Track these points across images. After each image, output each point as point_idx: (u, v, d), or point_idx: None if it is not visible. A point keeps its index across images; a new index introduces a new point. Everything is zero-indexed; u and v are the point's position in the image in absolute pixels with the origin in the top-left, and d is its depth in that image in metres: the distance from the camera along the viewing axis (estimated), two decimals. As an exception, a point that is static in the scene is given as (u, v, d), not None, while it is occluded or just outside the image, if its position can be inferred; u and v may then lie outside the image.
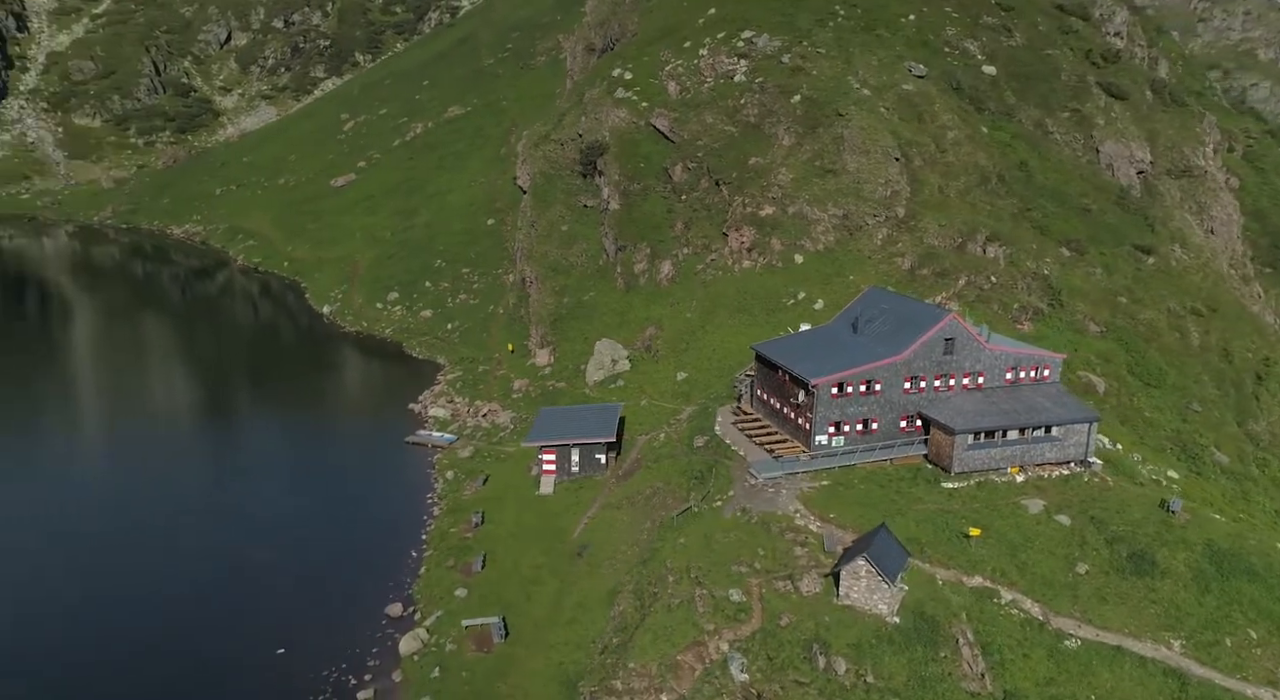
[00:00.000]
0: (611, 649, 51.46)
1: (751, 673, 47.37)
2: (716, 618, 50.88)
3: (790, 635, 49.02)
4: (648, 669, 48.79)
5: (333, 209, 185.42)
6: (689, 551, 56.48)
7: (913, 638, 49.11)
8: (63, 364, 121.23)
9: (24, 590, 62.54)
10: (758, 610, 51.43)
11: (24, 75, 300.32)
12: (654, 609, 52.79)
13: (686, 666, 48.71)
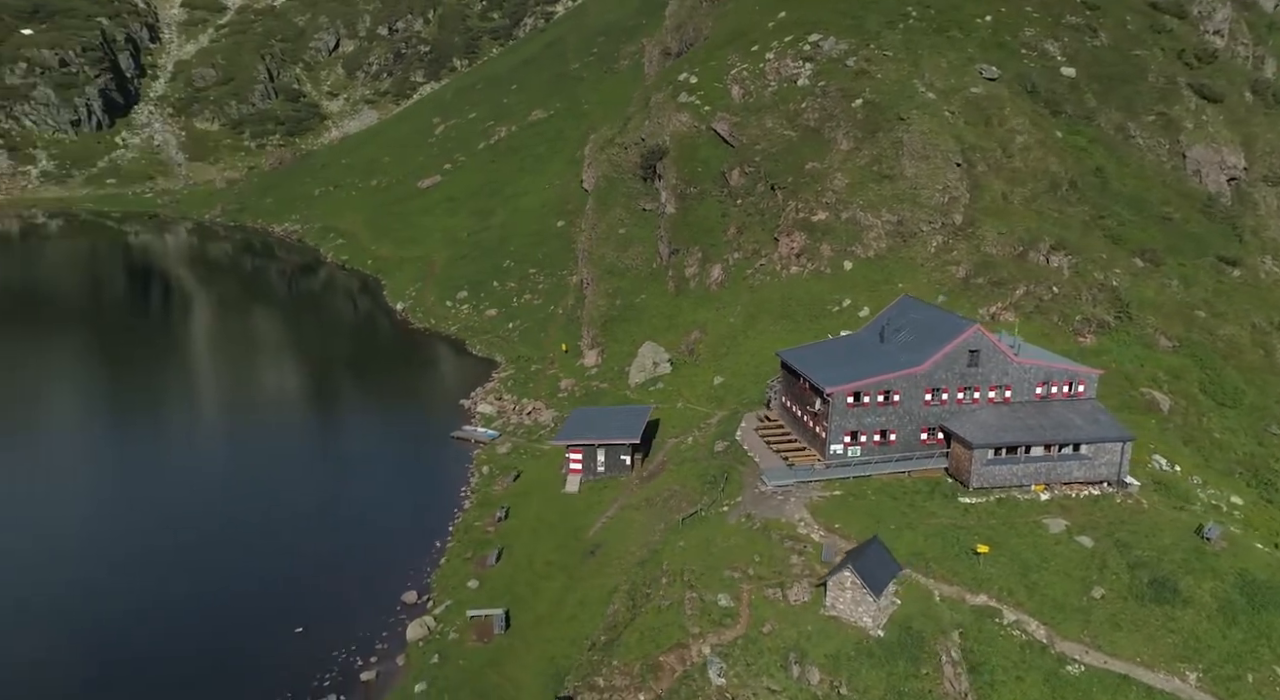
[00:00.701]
0: (600, 646, 52.78)
1: (729, 677, 47.92)
2: (703, 621, 51.57)
3: (771, 642, 49.32)
4: (630, 668, 49.93)
5: (417, 209, 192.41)
6: (687, 554, 57.28)
7: (895, 652, 48.69)
8: (159, 350, 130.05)
9: (88, 552, 68.27)
10: (745, 616, 51.87)
11: (154, 83, 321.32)
12: (645, 610, 53.87)
13: (668, 667, 49.61)
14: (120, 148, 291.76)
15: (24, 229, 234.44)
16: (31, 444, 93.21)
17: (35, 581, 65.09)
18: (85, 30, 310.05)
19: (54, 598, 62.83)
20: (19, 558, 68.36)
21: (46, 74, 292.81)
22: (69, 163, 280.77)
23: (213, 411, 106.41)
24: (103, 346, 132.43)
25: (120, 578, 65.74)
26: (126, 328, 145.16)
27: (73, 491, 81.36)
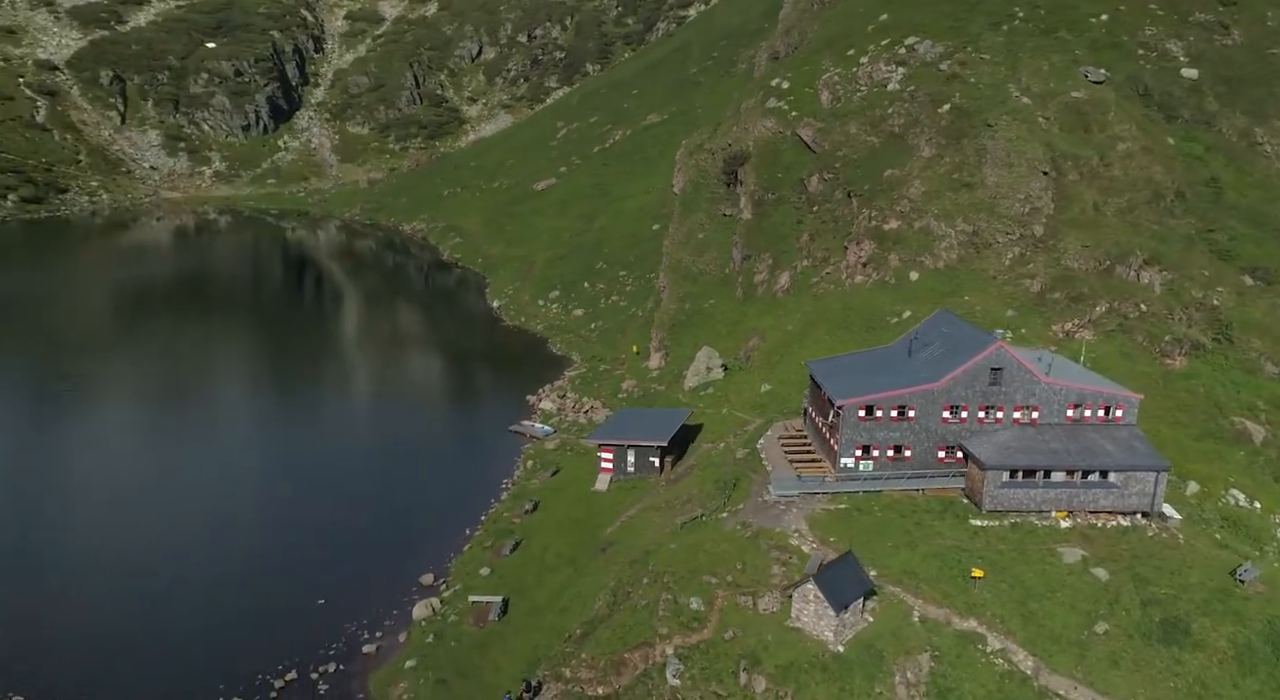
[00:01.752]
0: (575, 639, 54.96)
1: (683, 679, 49.10)
2: (672, 623, 52.88)
3: (729, 648, 50.09)
4: (597, 662, 51.90)
5: (530, 211, 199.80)
6: (674, 557, 58.59)
7: (852, 669, 48.42)
8: (291, 333, 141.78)
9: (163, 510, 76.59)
10: (713, 621, 52.79)
11: (315, 90, 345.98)
12: (623, 608, 55.65)
13: (631, 665, 51.27)
14: (281, 150, 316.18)
15: (199, 224, 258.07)
16: (169, 411, 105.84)
17: (120, 533, 73.66)
18: (259, 43, 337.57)
19: (138, 549, 70.93)
20: (121, 511, 77.44)
21: (224, 83, 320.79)
22: (237, 164, 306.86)
23: (309, 391, 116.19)
24: (252, 328, 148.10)
25: (197, 538, 73.56)
26: (272, 312, 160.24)
27: (186, 453, 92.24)
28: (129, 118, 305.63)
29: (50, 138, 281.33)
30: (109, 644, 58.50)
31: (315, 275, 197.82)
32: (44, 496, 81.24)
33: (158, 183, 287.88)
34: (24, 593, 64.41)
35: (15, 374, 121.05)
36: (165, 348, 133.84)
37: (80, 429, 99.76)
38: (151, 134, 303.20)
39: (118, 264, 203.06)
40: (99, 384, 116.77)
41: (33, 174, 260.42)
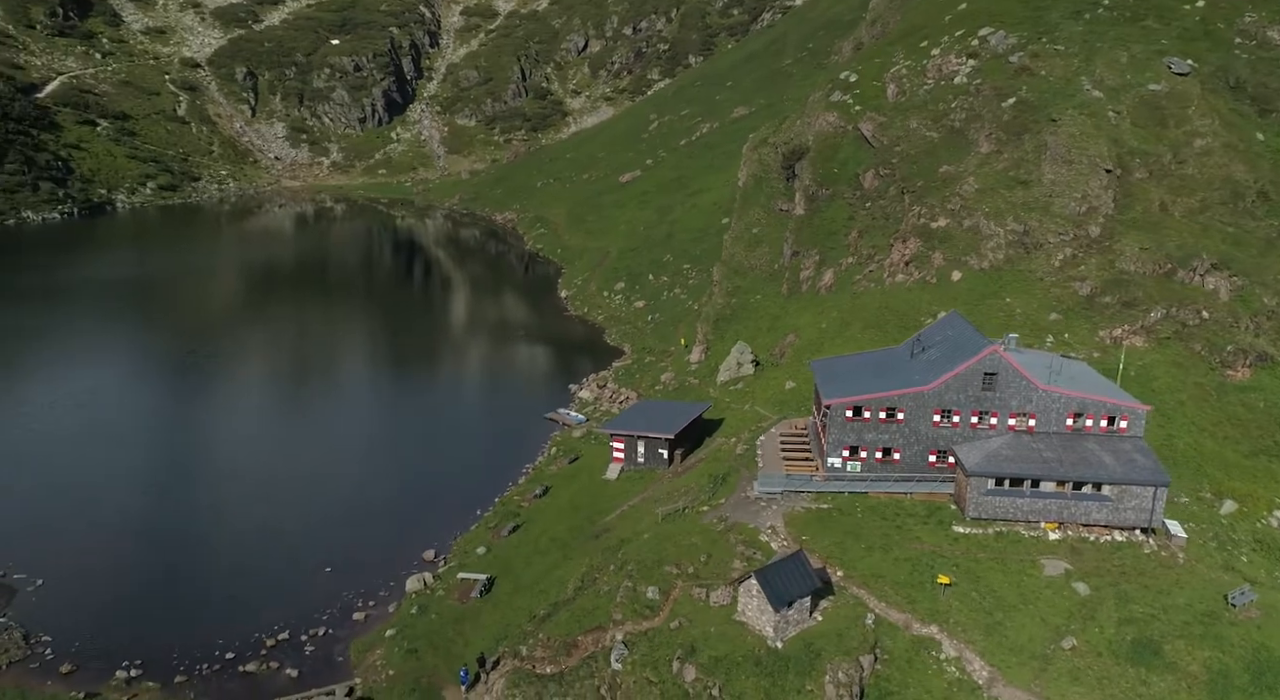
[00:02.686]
0: (538, 620, 57.35)
1: (625, 664, 50.78)
2: (626, 610, 54.56)
3: (673, 638, 51.41)
4: (551, 642, 54.16)
5: (612, 203, 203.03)
6: (645, 547, 60.14)
7: (786, 665, 48.92)
8: (389, 315, 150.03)
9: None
10: (666, 611, 54.18)
11: (428, 83, 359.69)
12: (587, 592, 57.68)
13: (582, 647, 53.30)
14: (394, 142, 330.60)
15: (317, 211, 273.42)
16: (258, 381, 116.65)
17: (174, 492, 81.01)
18: (378, 39, 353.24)
19: (183, 509, 77.90)
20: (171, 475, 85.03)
21: (344, 78, 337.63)
22: (353, 155, 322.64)
23: (376, 368, 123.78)
24: (344, 308, 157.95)
25: (237, 501, 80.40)
26: (368, 294, 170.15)
27: (254, 421, 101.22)
28: (259, 111, 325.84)
29: (188, 130, 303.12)
30: (136, 595, 64.73)
31: (410, 260, 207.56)
32: (114, 454, 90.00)
33: (279, 172, 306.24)
34: (68, 543, 71.77)
35: (141, 344, 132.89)
36: (277, 324, 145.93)
37: (175, 396, 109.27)
38: (277, 126, 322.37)
39: (245, 246, 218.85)
40: (215, 356, 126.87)
41: (170, 163, 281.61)
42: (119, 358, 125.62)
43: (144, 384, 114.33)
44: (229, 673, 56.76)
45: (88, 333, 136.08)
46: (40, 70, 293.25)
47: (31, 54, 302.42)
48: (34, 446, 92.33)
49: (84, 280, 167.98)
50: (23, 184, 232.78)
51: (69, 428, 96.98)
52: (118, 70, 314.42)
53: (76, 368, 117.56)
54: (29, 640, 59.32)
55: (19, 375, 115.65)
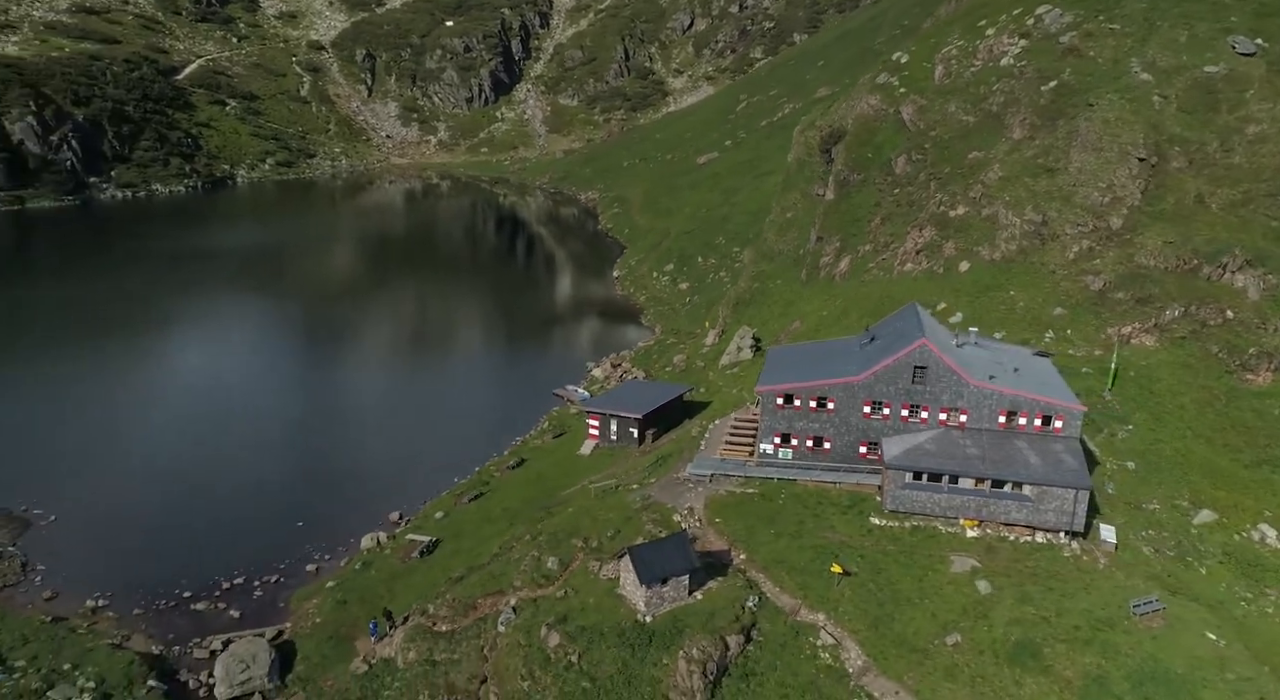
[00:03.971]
0: (451, 581, 61.00)
1: (507, 627, 53.78)
2: (527, 578, 57.44)
3: (553, 606, 53.93)
4: (455, 603, 57.69)
5: (686, 184, 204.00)
6: (565, 520, 62.80)
7: (649, 639, 50.62)
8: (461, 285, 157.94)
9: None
10: (560, 581, 56.76)
11: (535, 64, 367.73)
12: (501, 559, 60.91)
13: (479, 610, 56.60)
14: (498, 121, 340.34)
15: (424, 188, 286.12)
16: (333, 343, 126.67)
17: (207, 444, 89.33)
18: (490, 20, 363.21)
19: (205, 460, 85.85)
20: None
21: (454, 59, 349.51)
22: (458, 133, 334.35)
23: (420, 337, 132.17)
24: (431, 280, 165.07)
25: (250, 453, 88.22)
26: (449, 268, 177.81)
27: (300, 380, 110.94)
28: (375, 91, 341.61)
29: (309, 109, 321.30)
30: (128, 534, 72.30)
31: (493, 236, 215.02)
32: (159, 407, 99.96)
33: (389, 150, 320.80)
34: (85, 486, 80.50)
35: (245, 308, 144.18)
36: (360, 290, 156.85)
37: (235, 355, 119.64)
38: (391, 105, 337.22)
39: (358, 219, 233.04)
40: (310, 321, 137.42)
41: (289, 141, 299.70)
42: (210, 320, 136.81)
43: (214, 343, 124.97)
44: (181, 609, 63.22)
45: (192, 296, 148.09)
46: (182, 54, 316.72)
47: (176, 39, 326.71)
48: (94, 394, 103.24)
49: (201, 248, 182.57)
50: (155, 159, 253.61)
51: (130, 379, 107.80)
52: (250, 53, 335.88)
53: (167, 329, 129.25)
54: (25, 568, 67.69)
55: (116, 336, 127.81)
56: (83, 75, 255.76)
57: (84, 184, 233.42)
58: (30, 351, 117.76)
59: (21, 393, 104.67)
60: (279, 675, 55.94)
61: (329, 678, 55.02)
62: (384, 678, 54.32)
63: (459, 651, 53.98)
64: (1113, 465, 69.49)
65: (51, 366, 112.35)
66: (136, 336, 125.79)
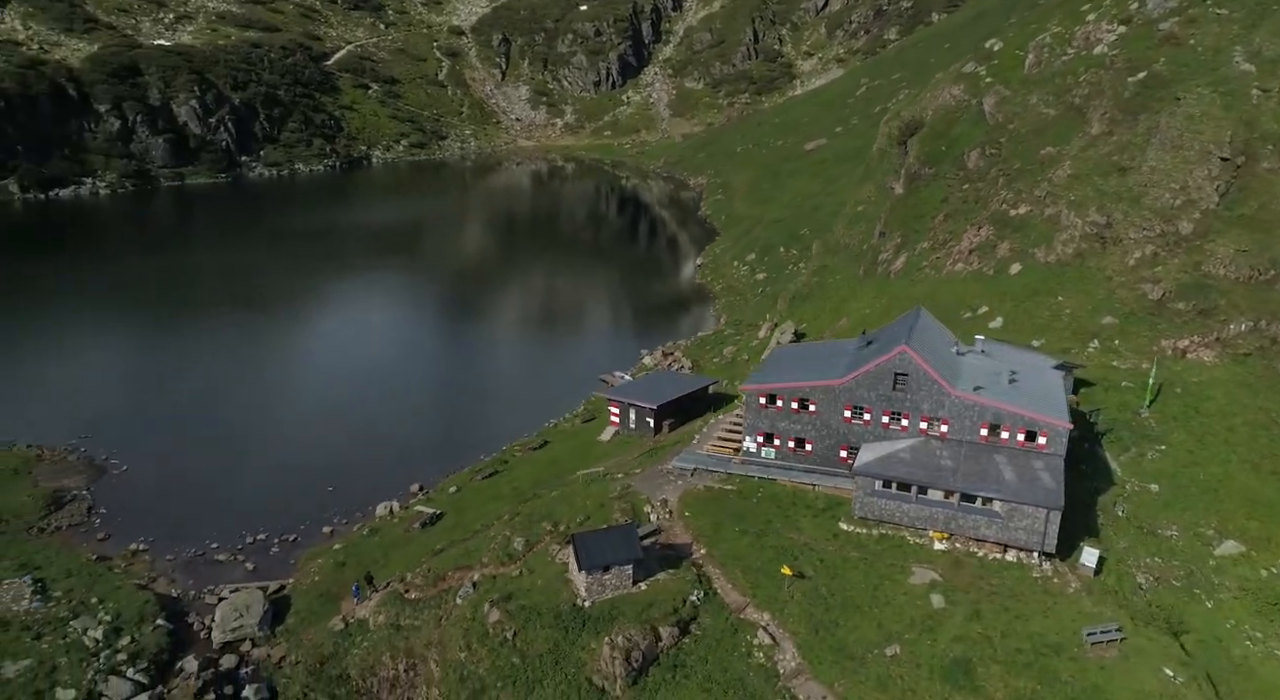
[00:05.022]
0: (433, 553, 64.79)
1: (464, 601, 56.98)
2: (494, 556, 60.46)
3: (505, 586, 56.64)
4: (428, 574, 61.43)
5: (790, 171, 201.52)
6: (544, 503, 65.39)
7: (582, 623, 52.51)
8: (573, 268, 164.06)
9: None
10: (523, 561, 59.45)
11: (664, 47, 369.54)
12: (479, 536, 64.20)
13: (447, 582, 60.10)
14: (623, 105, 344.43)
15: (550, 170, 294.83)
16: (433, 314, 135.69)
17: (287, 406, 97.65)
18: (622, 4, 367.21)
19: (271, 420, 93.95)
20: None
21: (584, 43, 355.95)
22: (584, 116, 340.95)
23: (490, 313, 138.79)
24: (532, 258, 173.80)
25: (310, 418, 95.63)
26: (540, 246, 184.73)
27: (376, 351, 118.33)
28: (508, 75, 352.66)
29: (445, 93, 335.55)
30: (185, 486, 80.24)
31: (605, 218, 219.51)
32: (250, 367, 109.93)
33: (516, 132, 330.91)
34: (161, 438, 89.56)
35: (360, 283, 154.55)
36: (482, 271, 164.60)
37: (346, 327, 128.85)
38: (522, 89, 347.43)
39: (489, 199, 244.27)
40: (413, 296, 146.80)
41: (424, 123, 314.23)
42: (326, 293, 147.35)
43: (319, 315, 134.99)
44: (205, 559, 69.99)
45: (316, 271, 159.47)
46: (334, 40, 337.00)
47: (330, 26, 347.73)
48: (198, 357, 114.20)
49: (339, 224, 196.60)
50: (300, 140, 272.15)
51: (234, 345, 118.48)
52: (395, 39, 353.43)
53: (286, 300, 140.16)
54: (90, 511, 76.53)
55: (239, 304, 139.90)
56: (243, 62, 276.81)
57: (236, 163, 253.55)
58: (164, 314, 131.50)
59: (141, 350, 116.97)
60: (270, 626, 61.40)
61: (310, 632, 59.98)
62: (355, 637, 58.71)
63: (420, 619, 57.67)
64: (1133, 487, 65.92)
65: (175, 330, 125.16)
66: (256, 306, 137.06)
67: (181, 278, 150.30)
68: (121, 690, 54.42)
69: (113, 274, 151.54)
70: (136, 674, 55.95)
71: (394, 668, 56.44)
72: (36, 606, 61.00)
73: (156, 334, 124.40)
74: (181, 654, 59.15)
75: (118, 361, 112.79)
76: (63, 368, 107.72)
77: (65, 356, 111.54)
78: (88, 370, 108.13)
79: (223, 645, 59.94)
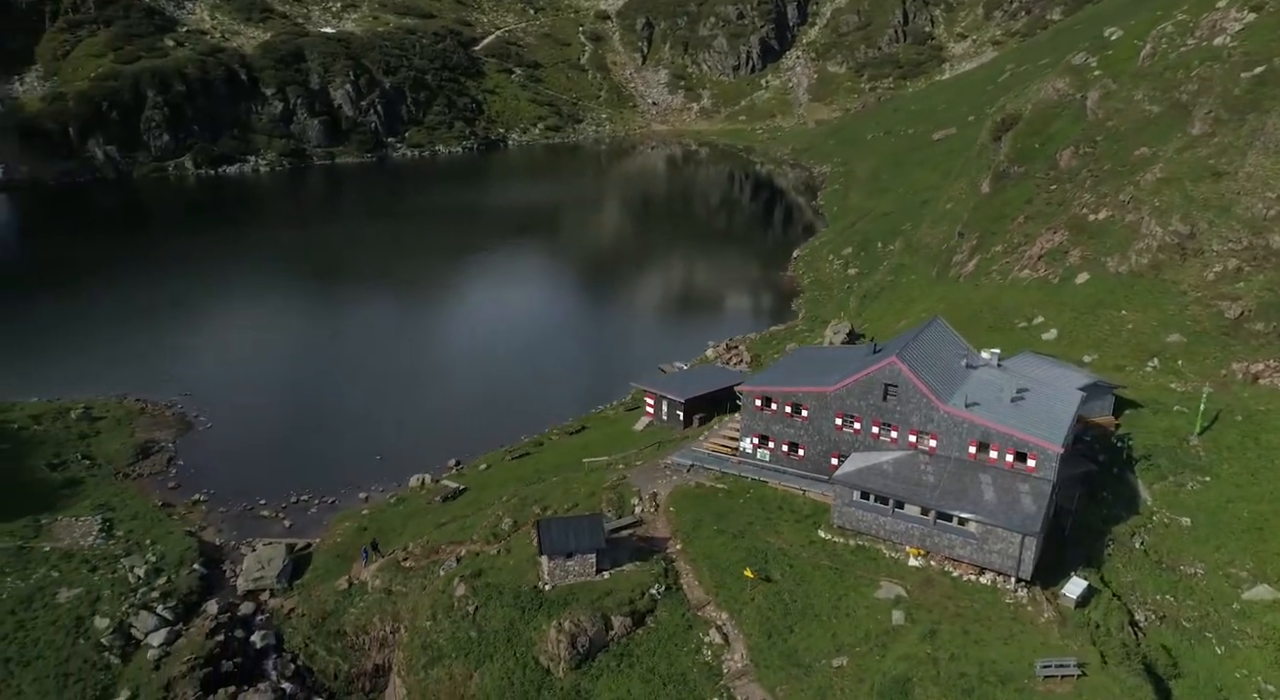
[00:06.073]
0: (437, 526, 68.66)
1: (445, 573, 60.57)
2: (482, 534, 63.75)
3: (484, 562, 59.71)
4: (425, 546, 65.42)
5: (913, 162, 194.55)
6: (543, 487, 67.99)
7: (540, 605, 54.69)
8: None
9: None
10: (507, 541, 62.32)
11: (810, 30, 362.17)
12: (479, 514, 67.60)
13: (439, 554, 63.89)
14: (761, 89, 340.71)
15: (684, 154, 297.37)
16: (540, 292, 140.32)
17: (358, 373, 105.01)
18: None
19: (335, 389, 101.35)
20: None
21: (725, 26, 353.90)
22: (720, 101, 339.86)
23: (580, 295, 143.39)
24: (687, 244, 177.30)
25: (373, 386, 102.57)
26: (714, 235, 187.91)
27: (469, 325, 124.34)
28: (649, 59, 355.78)
29: (585, 77, 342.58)
30: (256, 445, 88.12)
31: (716, 203, 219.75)
32: (347, 337, 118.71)
33: (651, 116, 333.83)
34: (249, 400, 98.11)
35: (477, 259, 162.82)
36: (604, 252, 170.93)
37: (452, 304, 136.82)
38: (662, 73, 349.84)
39: (622, 182, 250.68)
40: (518, 275, 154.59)
41: (561, 107, 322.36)
42: (445, 268, 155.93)
43: (433, 290, 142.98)
44: (250, 513, 76.88)
45: (440, 247, 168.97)
46: (485, 26, 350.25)
47: (481, 12, 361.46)
48: (308, 326, 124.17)
49: (476, 203, 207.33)
50: (442, 122, 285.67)
51: (344, 317, 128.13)
52: (543, 24, 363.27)
53: (408, 275, 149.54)
54: (170, 462, 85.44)
55: (364, 277, 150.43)
56: (397, 47, 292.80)
57: (382, 143, 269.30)
58: (298, 284, 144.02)
59: (264, 317, 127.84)
60: (289, 579, 67.23)
61: (319, 589, 65.29)
62: (355, 597, 63.50)
63: (409, 587, 61.75)
64: (1161, 518, 62.21)
65: (301, 300, 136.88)
66: (377, 280, 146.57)
67: (322, 251, 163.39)
68: (148, 624, 61.35)
69: (264, 245, 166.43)
70: (165, 611, 62.82)
71: (382, 629, 60.83)
72: (99, 543, 69.35)
73: (284, 302, 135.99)
74: (209, 597, 65.73)
75: (240, 327, 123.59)
76: (190, 331, 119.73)
77: (197, 320, 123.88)
78: (209, 334, 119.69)
79: (245, 593, 66.23)
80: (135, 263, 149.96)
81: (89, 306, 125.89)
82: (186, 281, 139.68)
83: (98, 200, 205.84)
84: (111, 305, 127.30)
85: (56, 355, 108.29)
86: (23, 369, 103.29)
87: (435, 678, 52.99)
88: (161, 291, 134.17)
